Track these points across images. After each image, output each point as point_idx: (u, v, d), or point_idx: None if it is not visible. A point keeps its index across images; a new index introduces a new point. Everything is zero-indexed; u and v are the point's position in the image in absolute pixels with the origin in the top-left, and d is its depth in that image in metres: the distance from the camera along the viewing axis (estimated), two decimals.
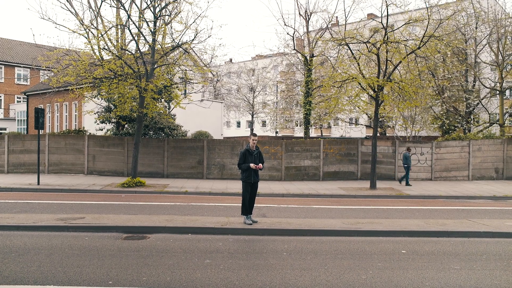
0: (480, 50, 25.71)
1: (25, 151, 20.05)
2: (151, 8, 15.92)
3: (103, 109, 21.27)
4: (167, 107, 23.53)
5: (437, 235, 8.60)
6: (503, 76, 24.06)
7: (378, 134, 19.26)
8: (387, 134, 33.28)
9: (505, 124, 25.73)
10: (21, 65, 40.48)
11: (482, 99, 25.69)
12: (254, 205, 9.42)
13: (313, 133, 44.45)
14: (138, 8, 16.58)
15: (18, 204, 11.54)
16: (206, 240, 7.85)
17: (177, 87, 19.92)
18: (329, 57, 21.55)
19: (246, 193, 9.07)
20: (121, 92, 16.39)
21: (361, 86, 17.20)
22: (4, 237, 7.75)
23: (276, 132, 46.37)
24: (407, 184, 18.08)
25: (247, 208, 9.07)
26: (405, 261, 6.65)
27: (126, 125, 21.51)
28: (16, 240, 7.54)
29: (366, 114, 27.89)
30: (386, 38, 15.92)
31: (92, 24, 16.28)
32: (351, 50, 16.95)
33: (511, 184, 18.95)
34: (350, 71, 17.40)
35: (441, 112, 26.10)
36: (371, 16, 34.44)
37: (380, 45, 15.96)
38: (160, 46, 16.48)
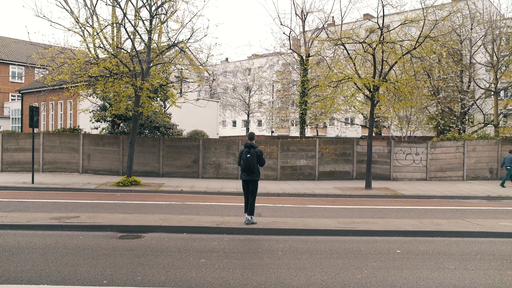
0: (475, 51, 25.85)
1: (20, 150, 19.92)
2: (147, 7, 15.86)
3: (98, 108, 21.17)
4: (163, 106, 23.46)
5: (431, 235, 8.64)
6: (497, 77, 24.20)
7: (373, 134, 19.31)
8: (382, 134, 33.37)
9: (500, 125, 25.89)
10: (16, 63, 40.19)
11: (477, 100, 25.83)
12: None
13: (308, 132, 44.55)
14: (134, 6, 16.53)
15: (12, 203, 11.47)
16: (201, 239, 7.83)
17: (173, 86, 19.87)
18: (325, 57, 21.59)
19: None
20: (116, 90, 16.33)
21: (357, 86, 17.24)
22: None
23: (272, 132, 46.43)
24: (502, 185, 18.00)
25: None
26: (400, 261, 6.67)
27: (121, 124, 21.43)
28: (10, 239, 7.49)
29: (362, 114, 27.96)
30: (382, 38, 15.96)
31: (87, 22, 16.19)
32: (347, 50, 16.98)
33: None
34: (346, 71, 17.43)
35: (436, 113, 26.22)
36: (367, 17, 34.52)
37: (376, 45, 16.00)
38: (156, 45, 16.42)
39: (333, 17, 29.41)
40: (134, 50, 15.97)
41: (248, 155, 8.89)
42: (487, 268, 6.38)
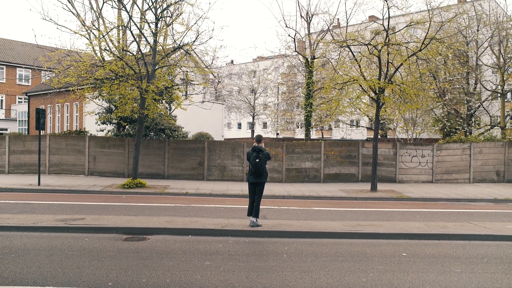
0: (482, 53, 25.67)
1: (26, 152, 20.05)
2: (153, 10, 15.94)
3: (104, 110, 21.27)
4: (168, 108, 23.53)
5: (438, 238, 8.58)
6: (504, 78, 24.02)
7: (379, 136, 19.21)
8: (388, 136, 33.22)
9: (507, 127, 25.67)
10: (23, 66, 40.55)
11: (484, 102, 25.64)
12: None
13: (314, 135, 44.45)
14: (139, 9, 16.61)
15: (18, 205, 11.54)
16: (206, 241, 7.83)
17: (178, 88, 19.92)
18: (330, 59, 21.52)
19: None
20: (122, 93, 16.40)
21: (362, 88, 17.18)
22: (4, 237, 7.75)
23: (277, 134, 46.40)
24: None
25: None
26: (405, 264, 6.63)
27: (127, 126, 21.51)
28: (16, 240, 7.54)
29: (367, 116, 27.79)
30: (387, 40, 15.91)
31: (93, 25, 16.29)
32: (352, 52, 16.94)
33: None
34: (351, 73, 17.39)
35: (442, 115, 26.05)
36: (372, 18, 34.43)
37: (381, 47, 15.95)
38: (161, 47, 16.49)
39: (338, 19, 29.41)
40: (139, 52, 16.04)
41: (257, 160, 8.93)
42: (494, 272, 6.32)
